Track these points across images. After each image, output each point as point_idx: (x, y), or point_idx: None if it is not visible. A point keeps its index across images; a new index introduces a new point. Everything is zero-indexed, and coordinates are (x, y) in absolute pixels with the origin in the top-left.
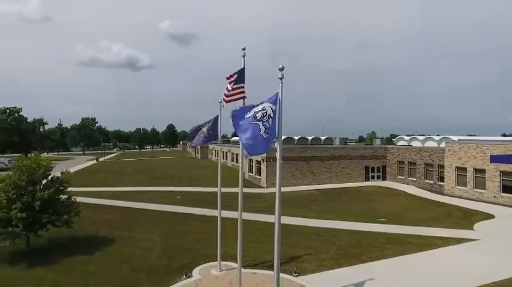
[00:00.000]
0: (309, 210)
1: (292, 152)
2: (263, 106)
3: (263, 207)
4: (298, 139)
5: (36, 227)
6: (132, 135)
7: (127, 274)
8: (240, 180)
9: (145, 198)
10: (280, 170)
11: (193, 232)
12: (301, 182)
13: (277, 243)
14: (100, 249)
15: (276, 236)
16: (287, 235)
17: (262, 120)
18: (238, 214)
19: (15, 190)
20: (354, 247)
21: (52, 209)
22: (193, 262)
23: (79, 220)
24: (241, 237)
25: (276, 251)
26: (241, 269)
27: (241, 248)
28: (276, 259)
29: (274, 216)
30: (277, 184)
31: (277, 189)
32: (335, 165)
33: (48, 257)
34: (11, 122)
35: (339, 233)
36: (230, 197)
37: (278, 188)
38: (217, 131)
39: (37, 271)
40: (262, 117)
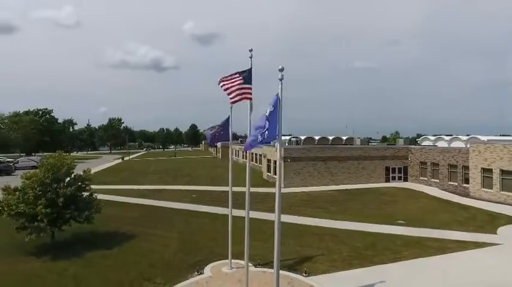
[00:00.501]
0: (325, 211)
1: (309, 152)
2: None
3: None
4: (319, 139)
5: (60, 223)
6: (156, 135)
7: (143, 268)
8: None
9: (165, 196)
10: (280, 169)
11: (208, 230)
12: (319, 183)
13: (276, 242)
14: (120, 244)
15: (276, 236)
16: (300, 235)
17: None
18: (246, 213)
19: (40, 187)
20: (367, 249)
21: (74, 206)
22: (206, 259)
23: (102, 216)
24: (248, 236)
25: (275, 251)
26: (252, 268)
27: (248, 247)
28: (276, 259)
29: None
30: (277, 184)
31: (277, 188)
32: (354, 165)
33: (71, 251)
34: (43, 122)
35: (353, 234)
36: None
37: (278, 188)
38: (228, 131)
39: (60, 263)
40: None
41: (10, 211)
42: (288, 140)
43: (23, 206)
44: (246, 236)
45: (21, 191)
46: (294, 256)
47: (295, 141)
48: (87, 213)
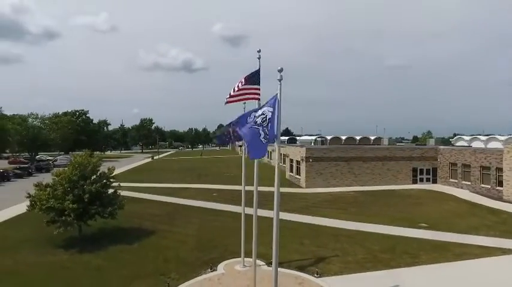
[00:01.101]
0: (345, 212)
1: (332, 152)
2: (263, 111)
3: (298, 207)
4: (346, 139)
5: (86, 217)
6: (185, 135)
7: (159, 263)
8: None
9: (188, 194)
10: (279, 169)
11: (225, 228)
12: (342, 183)
13: (275, 241)
14: (140, 240)
15: (274, 235)
16: (317, 235)
17: (262, 125)
18: (254, 211)
19: (68, 183)
20: (384, 252)
21: (99, 202)
22: (221, 257)
23: (127, 212)
24: (256, 235)
25: (274, 249)
26: (264, 267)
27: (255, 246)
28: (274, 257)
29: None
30: (276, 183)
31: (276, 188)
32: (378, 166)
33: (96, 244)
34: (80, 123)
35: (371, 236)
36: (267, 196)
37: (276, 187)
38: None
39: (85, 256)
40: (262, 122)
41: (41, 206)
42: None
43: (53, 201)
44: (254, 236)
45: (52, 187)
46: (308, 256)
47: (320, 141)
48: (110, 209)
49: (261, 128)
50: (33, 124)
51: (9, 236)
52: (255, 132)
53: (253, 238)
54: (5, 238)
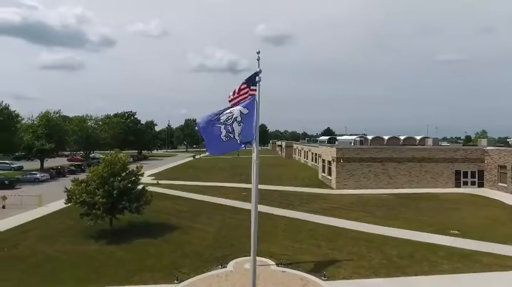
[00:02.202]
0: (371, 215)
1: (364, 152)
2: (231, 110)
3: (322, 208)
4: (389, 139)
5: (115, 212)
6: None
7: (176, 258)
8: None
9: (217, 193)
10: (257, 170)
11: (245, 227)
12: (375, 185)
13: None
14: (163, 235)
15: (252, 235)
16: (335, 238)
17: (225, 123)
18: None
19: (100, 179)
20: (402, 258)
21: (126, 197)
22: (234, 255)
23: (157, 208)
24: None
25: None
26: (273, 267)
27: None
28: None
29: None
30: (253, 183)
31: (254, 188)
32: (416, 168)
33: (123, 237)
34: (128, 123)
35: (393, 241)
36: (297, 196)
37: (254, 187)
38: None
39: (111, 247)
40: (226, 121)
41: (76, 200)
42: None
43: (85, 196)
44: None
45: (86, 183)
46: (320, 259)
47: (359, 141)
48: (136, 204)
49: (223, 127)
50: (87, 125)
51: (53, 226)
52: (214, 130)
53: (252, 236)
54: (50, 227)
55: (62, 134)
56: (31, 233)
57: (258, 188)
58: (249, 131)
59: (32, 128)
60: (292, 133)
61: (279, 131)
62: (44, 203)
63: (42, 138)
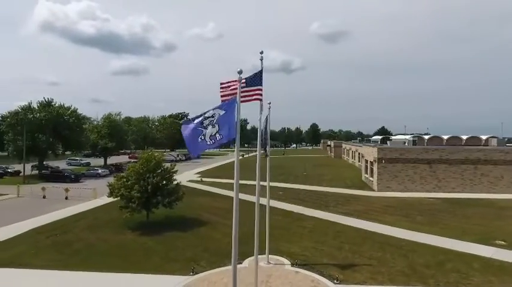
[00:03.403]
0: (408, 220)
1: (408, 153)
2: (213, 113)
3: (357, 210)
4: (448, 139)
5: (150, 206)
6: (278, 134)
7: (198, 251)
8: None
9: (253, 191)
10: (237, 169)
11: (272, 226)
12: (422, 188)
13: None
14: (192, 229)
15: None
16: (361, 241)
17: (207, 128)
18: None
19: (136, 175)
20: (428, 267)
21: (160, 193)
22: (252, 252)
23: (193, 204)
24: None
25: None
26: (287, 267)
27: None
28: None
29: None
30: (235, 184)
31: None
32: (470, 170)
33: (156, 229)
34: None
35: (424, 249)
36: (335, 197)
37: (236, 186)
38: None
39: (143, 238)
40: (208, 125)
41: (116, 193)
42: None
43: (123, 190)
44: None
45: (125, 178)
46: (338, 261)
47: (412, 141)
48: (168, 199)
49: (203, 130)
50: (144, 126)
51: (100, 217)
52: (197, 132)
53: (255, 234)
54: (97, 218)
55: (122, 134)
56: (81, 222)
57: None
58: (225, 131)
59: (97, 128)
60: (346, 133)
61: (332, 131)
62: (98, 196)
63: (105, 138)
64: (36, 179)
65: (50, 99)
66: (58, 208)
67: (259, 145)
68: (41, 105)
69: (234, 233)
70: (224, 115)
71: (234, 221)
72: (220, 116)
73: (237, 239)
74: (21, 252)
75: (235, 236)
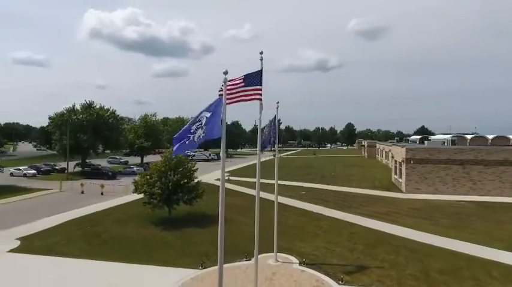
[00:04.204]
0: (432, 223)
1: (440, 153)
2: (200, 117)
3: (379, 212)
4: (493, 139)
5: (171, 202)
6: (312, 134)
7: (211, 247)
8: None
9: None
10: (223, 169)
11: (287, 224)
12: (453, 191)
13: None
14: (211, 226)
15: (256, 235)
16: (376, 243)
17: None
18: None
19: (158, 173)
20: (443, 273)
21: (180, 190)
22: (264, 250)
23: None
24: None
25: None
26: (295, 265)
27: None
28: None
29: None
30: (221, 183)
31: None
32: (509, 172)
33: (177, 225)
34: None
35: (442, 253)
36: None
37: (222, 185)
38: (275, 133)
39: (164, 232)
40: (196, 130)
41: (140, 190)
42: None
43: (146, 187)
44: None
45: (149, 176)
46: (347, 263)
47: (450, 141)
48: (187, 197)
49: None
50: (179, 126)
51: (128, 212)
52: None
53: (255, 234)
54: (125, 212)
55: (158, 133)
56: (110, 216)
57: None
58: (209, 131)
59: (134, 128)
60: (385, 132)
61: (370, 131)
62: (130, 192)
63: (142, 137)
64: (78, 175)
65: (91, 102)
66: (93, 202)
67: (259, 145)
68: (83, 107)
69: (220, 235)
70: (211, 116)
71: (220, 220)
72: (207, 118)
73: (223, 240)
74: (55, 241)
75: (220, 237)
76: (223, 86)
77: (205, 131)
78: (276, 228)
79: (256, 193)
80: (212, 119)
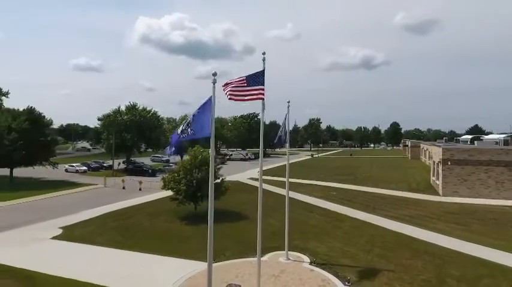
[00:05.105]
0: (465, 229)
1: (481, 153)
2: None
3: (408, 215)
4: None
5: (196, 199)
6: (354, 133)
7: (229, 243)
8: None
9: (306, 190)
10: (212, 168)
11: (307, 223)
12: (497, 195)
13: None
14: (232, 222)
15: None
16: (395, 247)
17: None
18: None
19: (184, 170)
20: (460, 281)
21: (204, 187)
22: (278, 247)
23: (242, 199)
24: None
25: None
26: (305, 264)
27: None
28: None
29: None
30: (211, 184)
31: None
32: None
33: (200, 220)
34: (252, 124)
35: (466, 261)
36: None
37: (211, 184)
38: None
39: (186, 227)
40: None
41: (167, 186)
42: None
43: (172, 184)
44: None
45: (176, 173)
46: (360, 264)
47: (503, 141)
48: None
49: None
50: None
51: (159, 207)
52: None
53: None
54: (156, 207)
55: None
56: (143, 210)
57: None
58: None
59: (175, 128)
60: (435, 132)
61: (418, 130)
62: None
63: None
64: (122, 172)
65: (135, 103)
66: (131, 197)
67: (261, 145)
68: (127, 108)
69: (209, 234)
70: (198, 113)
71: (209, 221)
72: (195, 116)
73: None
74: (91, 231)
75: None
76: (213, 88)
77: (194, 129)
78: (287, 227)
79: (259, 194)
80: (201, 117)
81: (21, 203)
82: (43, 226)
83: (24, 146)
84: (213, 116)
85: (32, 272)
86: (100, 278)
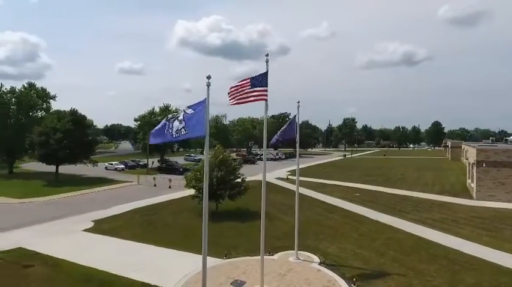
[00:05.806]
0: (493, 235)
1: (497, 155)
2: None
3: (433, 219)
4: None
5: (216, 197)
6: (392, 133)
7: (242, 241)
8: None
9: (329, 191)
10: (207, 166)
11: (324, 224)
12: None
13: (204, 240)
14: (250, 221)
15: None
16: (411, 251)
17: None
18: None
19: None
20: None
21: (223, 186)
22: (289, 247)
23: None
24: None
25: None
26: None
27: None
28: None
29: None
30: (205, 184)
31: (205, 186)
32: None
33: (221, 218)
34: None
35: (486, 268)
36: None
37: (205, 185)
38: (294, 131)
39: None
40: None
41: (189, 185)
42: None
43: (193, 182)
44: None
45: (198, 172)
46: (371, 267)
47: None
48: (229, 192)
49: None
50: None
51: (184, 204)
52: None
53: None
54: (181, 204)
55: (227, 133)
56: (168, 207)
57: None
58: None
59: None
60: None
61: (464, 129)
62: None
63: (211, 137)
64: (156, 170)
65: (168, 105)
66: (160, 194)
67: (265, 145)
68: (161, 109)
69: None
70: (193, 114)
71: (204, 218)
72: (187, 114)
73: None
74: (118, 225)
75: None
76: (207, 90)
77: (187, 128)
78: (297, 227)
79: (262, 194)
80: (195, 117)
81: (62, 197)
82: (78, 219)
83: (68, 145)
84: (207, 118)
85: (60, 259)
86: (117, 267)
